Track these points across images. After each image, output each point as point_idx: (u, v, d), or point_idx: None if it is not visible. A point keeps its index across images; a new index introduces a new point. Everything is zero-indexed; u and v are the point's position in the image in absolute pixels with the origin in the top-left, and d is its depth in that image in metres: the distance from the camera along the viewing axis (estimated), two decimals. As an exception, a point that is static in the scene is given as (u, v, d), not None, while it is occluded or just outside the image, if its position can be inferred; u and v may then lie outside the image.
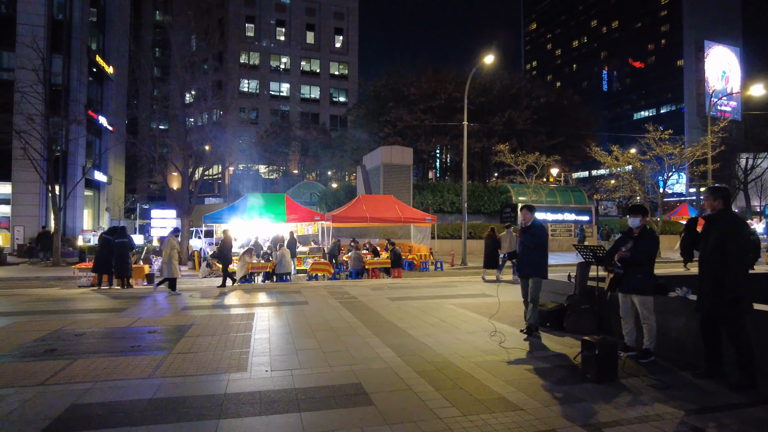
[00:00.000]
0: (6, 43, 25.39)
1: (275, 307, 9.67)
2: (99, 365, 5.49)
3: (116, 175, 35.83)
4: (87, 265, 14.33)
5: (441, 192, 30.82)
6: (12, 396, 4.48)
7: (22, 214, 25.25)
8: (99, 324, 7.97)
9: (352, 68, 65.14)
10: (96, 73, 31.25)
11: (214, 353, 6.05)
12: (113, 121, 33.64)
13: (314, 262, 15.79)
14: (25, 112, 21.76)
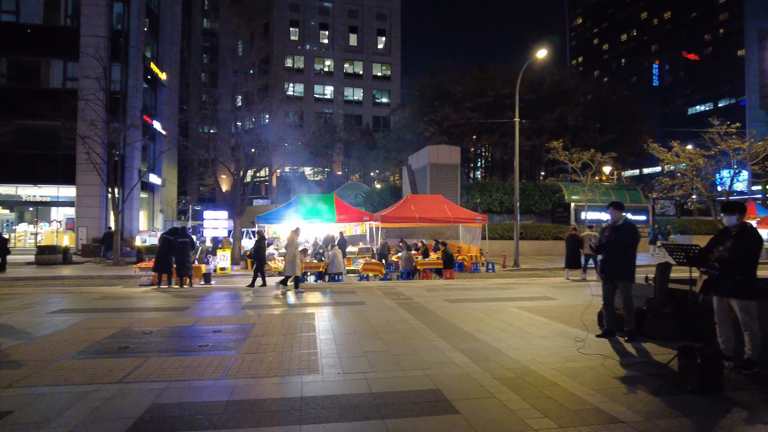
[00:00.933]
0: (71, 54, 26.65)
1: (333, 308, 9.56)
2: (171, 364, 5.47)
3: (169, 177, 37.08)
4: (148, 265, 14.74)
5: (489, 191, 30.18)
6: (94, 393, 4.49)
7: (85, 215, 26.44)
8: (164, 322, 8.06)
9: (394, 69, 65.05)
10: (150, 80, 32.42)
11: (282, 354, 5.95)
12: (166, 126, 34.82)
13: (366, 262, 15.67)
14: (88, 118, 22.76)
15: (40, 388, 4.64)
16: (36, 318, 8.56)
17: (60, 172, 26.69)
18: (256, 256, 13.66)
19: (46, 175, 26.68)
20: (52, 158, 26.73)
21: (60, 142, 26.79)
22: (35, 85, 26.85)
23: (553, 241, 26.61)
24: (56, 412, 4.05)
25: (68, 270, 19.76)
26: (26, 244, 26.90)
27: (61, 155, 26.73)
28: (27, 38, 26.57)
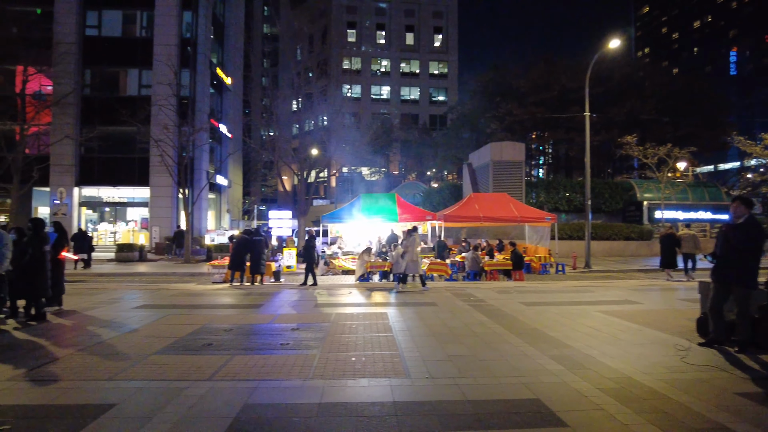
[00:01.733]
0: (146, 62, 28.14)
1: (404, 308, 9.37)
2: (256, 363, 5.46)
3: (235, 179, 38.43)
4: (221, 263, 15.22)
5: (556, 189, 29.05)
6: (187, 389, 4.52)
7: (158, 215, 27.85)
8: (242, 320, 8.18)
9: (452, 67, 64.23)
10: (216, 85, 33.70)
11: (364, 354, 5.81)
12: (231, 129, 36.09)
13: (431, 262, 15.41)
14: (161, 122, 23.93)
15: (137, 382, 4.75)
16: (123, 312, 8.94)
17: (135, 174, 28.22)
18: (305, 255, 13.75)
19: (124, 177, 28.29)
20: (129, 161, 28.32)
21: (136, 146, 28.33)
22: (114, 93, 28.53)
23: (624, 241, 25.23)
24: (155, 407, 4.10)
25: (144, 267, 20.81)
26: (106, 242, 28.65)
27: (137, 158, 28.26)
28: (108, 50, 28.28)
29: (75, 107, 27.30)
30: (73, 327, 7.65)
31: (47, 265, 8.48)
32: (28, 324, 7.89)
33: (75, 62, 27.41)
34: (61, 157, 27.07)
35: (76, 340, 6.69)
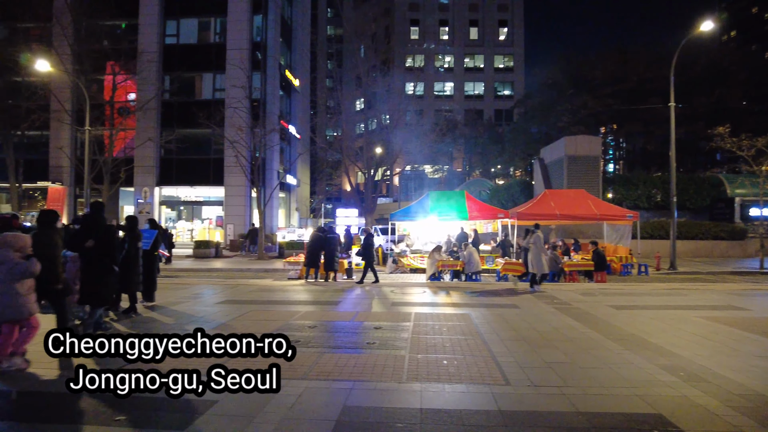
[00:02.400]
0: (219, 67, 29.36)
1: (485, 309, 9.04)
2: (346, 362, 5.38)
3: (303, 178, 39.36)
4: (296, 259, 15.51)
5: (635, 185, 27.37)
6: (284, 388, 4.49)
7: (232, 213, 28.99)
8: (323, 317, 8.19)
9: (517, 60, 62.37)
10: (285, 86, 34.58)
11: (455, 357, 5.59)
12: (300, 129, 36.94)
13: (506, 262, 14.88)
14: (235, 124, 24.83)
15: (233, 379, 4.79)
16: (207, 308, 9.24)
17: (210, 174, 29.52)
18: (364, 253, 13.64)
19: (200, 177, 29.67)
20: (205, 162, 29.66)
21: (211, 147, 29.67)
22: (191, 98, 29.99)
23: (712, 241, 23.29)
24: (255, 406, 4.09)
25: (220, 263, 21.66)
26: (184, 239, 30.20)
27: (212, 159, 29.56)
28: (185, 57, 29.77)
29: (156, 112, 28.94)
30: (163, 322, 7.97)
31: (140, 260, 8.93)
32: (127, 317, 8.33)
33: (156, 70, 29.04)
34: (144, 159, 28.81)
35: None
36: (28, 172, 27.88)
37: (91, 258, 6.62)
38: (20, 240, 5.25)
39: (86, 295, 6.60)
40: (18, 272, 5.06)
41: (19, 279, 5.08)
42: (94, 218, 7.06)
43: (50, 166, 29.19)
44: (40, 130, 28.33)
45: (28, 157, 28.17)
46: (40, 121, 25.93)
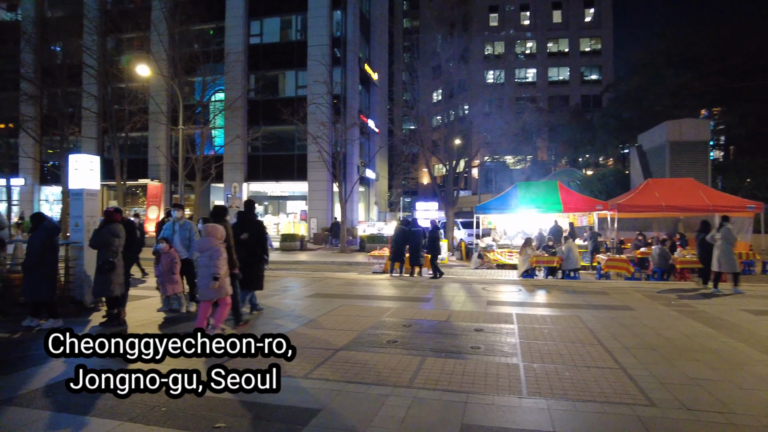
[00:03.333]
0: (301, 64, 29.89)
1: (595, 311, 8.13)
2: (453, 369, 4.87)
3: (381, 172, 39.32)
4: (380, 253, 15.27)
5: (754, 173, 24.38)
6: (389, 398, 4.07)
7: (315, 207, 29.50)
8: (416, 314, 7.73)
9: (605, 42, 58.23)
10: (364, 80, 34.58)
11: (577, 369, 4.88)
12: (378, 123, 36.86)
13: (609, 258, 13.60)
14: (317, 120, 25.11)
15: (333, 383, 4.44)
16: (298, 301, 9.13)
17: (294, 170, 30.19)
18: (429, 246, 12.94)
19: (284, 173, 30.43)
20: (289, 158, 30.39)
21: (294, 143, 30.33)
22: (274, 95, 30.80)
23: None
24: (362, 417, 3.69)
25: (305, 256, 22.00)
26: (271, 232, 31.15)
27: (295, 155, 30.21)
28: (268, 56, 30.62)
29: (243, 110, 30.04)
30: (254, 315, 7.91)
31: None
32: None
33: (242, 69, 30.11)
34: (233, 156, 30.03)
35: (262, 329, 6.80)
36: (131, 171, 30.05)
37: (248, 248, 7.51)
38: (220, 231, 6.17)
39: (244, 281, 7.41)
40: (217, 258, 5.99)
41: (218, 265, 5.97)
42: (247, 214, 8.01)
43: (149, 164, 31.31)
44: (140, 132, 30.44)
45: (130, 157, 30.37)
46: (141, 123, 27.82)
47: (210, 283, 5.91)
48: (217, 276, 5.95)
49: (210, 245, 6.02)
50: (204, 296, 6.02)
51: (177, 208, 8.54)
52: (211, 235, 6.07)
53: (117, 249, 7.01)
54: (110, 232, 6.96)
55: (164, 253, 7.95)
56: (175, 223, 8.40)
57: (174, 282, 8.01)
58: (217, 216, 6.95)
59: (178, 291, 8.12)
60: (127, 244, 7.51)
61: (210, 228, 6.13)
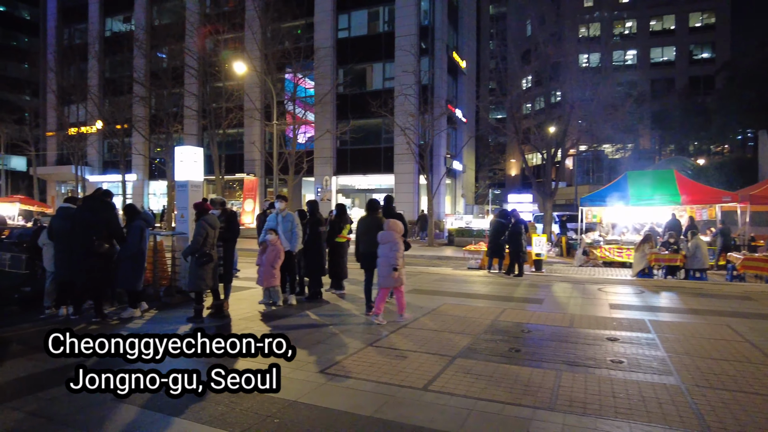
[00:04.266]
0: (388, 55, 29.60)
1: (747, 320, 6.87)
2: (599, 388, 4.11)
3: (468, 163, 38.19)
4: (477, 248, 14.53)
5: None
6: (534, 422, 3.44)
7: (401, 201, 29.14)
8: (532, 318, 6.98)
9: (720, 15, 52.18)
10: (451, 69, 33.61)
11: (762, 397, 3.93)
12: (466, 113, 35.75)
13: (745, 258, 11.81)
14: (404, 112, 24.68)
15: (460, 399, 3.88)
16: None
17: (381, 162, 30.05)
18: (510, 241, 11.76)
19: (371, 166, 30.40)
20: (376, 151, 30.31)
21: (381, 136, 30.18)
22: (362, 89, 30.81)
23: None
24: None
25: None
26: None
27: (382, 148, 30.05)
28: (356, 49, 30.62)
29: (332, 105, 30.34)
30: (350, 311, 7.57)
31: (323, 245, 8.76)
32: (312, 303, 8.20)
33: (331, 64, 30.40)
34: (322, 150, 30.50)
35: (362, 329, 6.41)
36: (228, 166, 31.52)
37: None
38: (400, 225, 6.73)
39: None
40: (396, 250, 6.53)
41: (397, 256, 6.53)
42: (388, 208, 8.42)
43: (245, 159, 32.70)
44: (236, 128, 31.89)
45: (227, 153, 31.87)
46: (236, 119, 29.07)
47: (390, 273, 6.47)
48: (397, 267, 6.49)
49: (391, 238, 6.56)
50: (383, 284, 6.61)
51: (280, 199, 8.36)
52: (393, 229, 6.62)
53: (213, 241, 6.84)
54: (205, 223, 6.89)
55: (271, 244, 7.83)
56: (278, 215, 8.28)
57: (272, 276, 7.85)
58: (372, 209, 7.46)
59: (275, 284, 7.93)
60: (230, 235, 7.50)
61: (392, 222, 6.70)
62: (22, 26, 50.99)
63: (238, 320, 6.87)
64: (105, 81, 36.09)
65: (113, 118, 32.19)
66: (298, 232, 8.29)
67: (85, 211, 6.62)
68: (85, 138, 35.73)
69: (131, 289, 6.96)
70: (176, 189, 8.30)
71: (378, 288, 6.80)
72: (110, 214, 6.77)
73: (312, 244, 8.54)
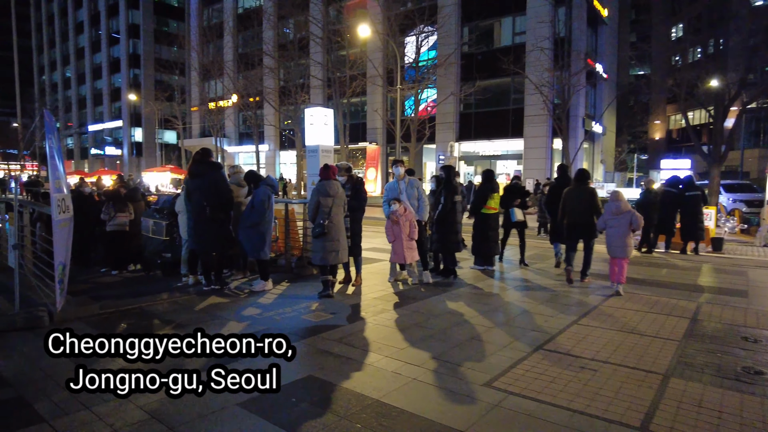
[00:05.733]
0: (519, 8, 26.95)
1: None
2: None
3: (608, 125, 34.15)
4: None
5: None
6: None
7: (531, 167, 26.90)
8: (746, 318, 5.29)
9: None
10: (591, 19, 29.77)
11: None
12: (607, 68, 31.75)
13: None
14: (537, 68, 22.33)
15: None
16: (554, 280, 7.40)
17: (509, 126, 27.89)
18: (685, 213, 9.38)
19: (497, 130, 28.38)
20: (503, 114, 28.19)
21: (510, 97, 27.95)
22: (489, 46, 28.61)
23: None
24: None
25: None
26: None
27: (510, 110, 27.84)
28: (482, 4, 28.32)
29: (456, 66, 28.64)
30: (500, 295, 6.45)
31: (457, 217, 7.64)
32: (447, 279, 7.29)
33: (455, 23, 28.56)
34: (445, 115, 29.14)
35: (521, 320, 5.29)
36: (352, 135, 31.62)
37: None
38: (622, 194, 6.70)
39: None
40: (635, 222, 6.43)
41: (632, 227, 6.48)
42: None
43: (367, 128, 32.59)
44: (359, 97, 31.77)
45: (351, 122, 31.97)
46: (360, 87, 28.83)
47: (625, 243, 6.44)
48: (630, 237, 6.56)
49: (625, 208, 6.47)
50: (619, 254, 6.45)
51: (398, 164, 7.35)
52: (620, 199, 6.53)
53: (329, 210, 6.09)
54: (320, 190, 6.11)
55: (401, 215, 6.91)
56: (399, 182, 7.29)
57: (411, 249, 6.97)
58: (583, 179, 7.14)
59: (415, 259, 7.11)
60: (357, 204, 6.80)
61: (617, 193, 6.66)
62: (173, 12, 56.02)
63: (370, 300, 6.15)
64: (238, 56, 38.10)
65: (246, 91, 33.92)
66: (425, 199, 7.38)
67: (195, 176, 6.27)
68: (222, 111, 38.35)
69: (257, 257, 6.55)
70: (306, 154, 7.78)
71: (611, 258, 6.62)
72: (217, 174, 6.33)
73: (447, 215, 7.43)
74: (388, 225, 7.06)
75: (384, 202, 7.28)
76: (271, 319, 5.25)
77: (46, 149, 5.45)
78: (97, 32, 58.98)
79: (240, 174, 7.03)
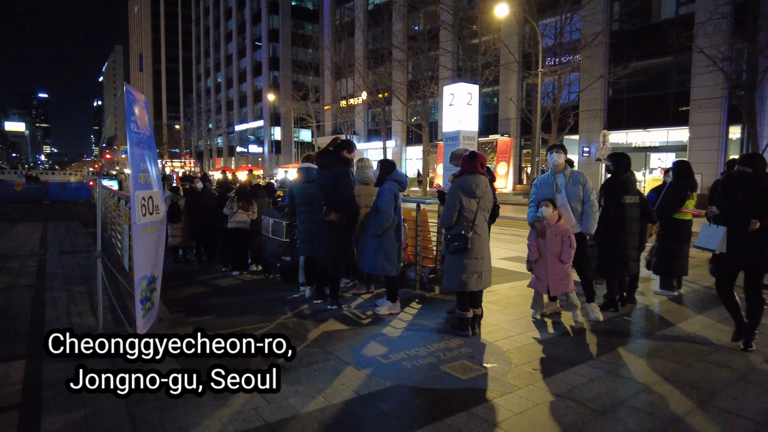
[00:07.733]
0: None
1: None
2: None
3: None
4: None
5: None
6: None
7: (697, 161, 22.60)
8: None
9: None
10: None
11: None
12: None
13: None
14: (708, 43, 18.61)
15: None
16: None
17: (669, 113, 23.95)
18: None
19: (654, 118, 24.55)
20: (662, 99, 24.30)
21: (670, 79, 24.03)
22: (645, 22, 24.84)
23: None
24: None
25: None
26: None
27: (672, 94, 23.88)
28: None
29: (604, 47, 25.32)
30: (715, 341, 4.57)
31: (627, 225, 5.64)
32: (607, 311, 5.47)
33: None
34: (590, 102, 25.98)
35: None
36: (482, 127, 29.78)
37: None
38: None
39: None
40: None
41: None
42: None
43: (499, 119, 30.55)
44: (491, 86, 29.83)
45: (482, 114, 30.15)
46: (492, 75, 26.96)
47: None
48: None
49: None
50: None
51: (556, 150, 5.18)
52: None
53: (474, 217, 4.51)
54: (461, 187, 4.55)
55: (550, 226, 4.94)
56: (556, 176, 5.19)
57: (565, 276, 4.93)
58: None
59: (570, 290, 4.98)
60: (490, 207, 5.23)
61: None
62: (308, 15, 58.95)
63: (508, 345, 4.53)
64: (368, 53, 38.32)
65: (375, 87, 33.87)
66: (594, 203, 5.09)
67: (321, 168, 5.27)
68: (353, 109, 38.95)
69: (383, 273, 5.26)
70: (444, 143, 6.51)
71: None
72: (340, 170, 5.16)
73: (613, 222, 5.34)
74: (531, 236, 5.12)
75: (531, 202, 5.34)
76: (400, 366, 3.92)
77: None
78: (243, 39, 64.31)
79: (367, 169, 5.79)
